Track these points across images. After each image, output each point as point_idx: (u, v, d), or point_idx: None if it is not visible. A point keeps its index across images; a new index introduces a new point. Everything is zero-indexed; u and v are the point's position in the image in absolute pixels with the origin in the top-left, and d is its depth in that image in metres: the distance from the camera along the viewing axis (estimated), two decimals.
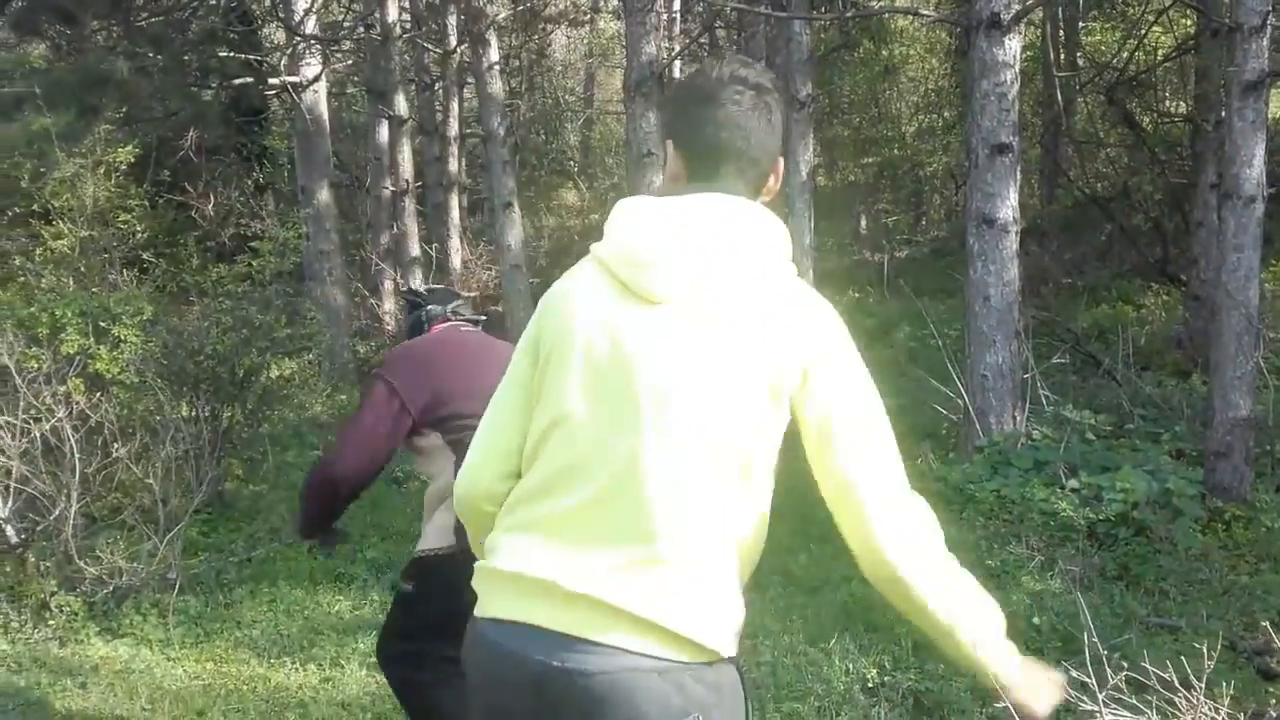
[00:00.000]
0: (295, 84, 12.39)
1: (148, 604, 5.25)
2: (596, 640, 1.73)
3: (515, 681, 1.80)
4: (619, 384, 1.80)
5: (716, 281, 1.82)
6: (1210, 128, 9.45)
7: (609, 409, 1.81)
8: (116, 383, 6.77)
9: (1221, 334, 5.93)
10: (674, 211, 1.87)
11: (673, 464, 1.77)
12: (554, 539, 1.81)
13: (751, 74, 1.94)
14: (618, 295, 1.85)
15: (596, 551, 1.77)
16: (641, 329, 1.81)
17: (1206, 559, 5.39)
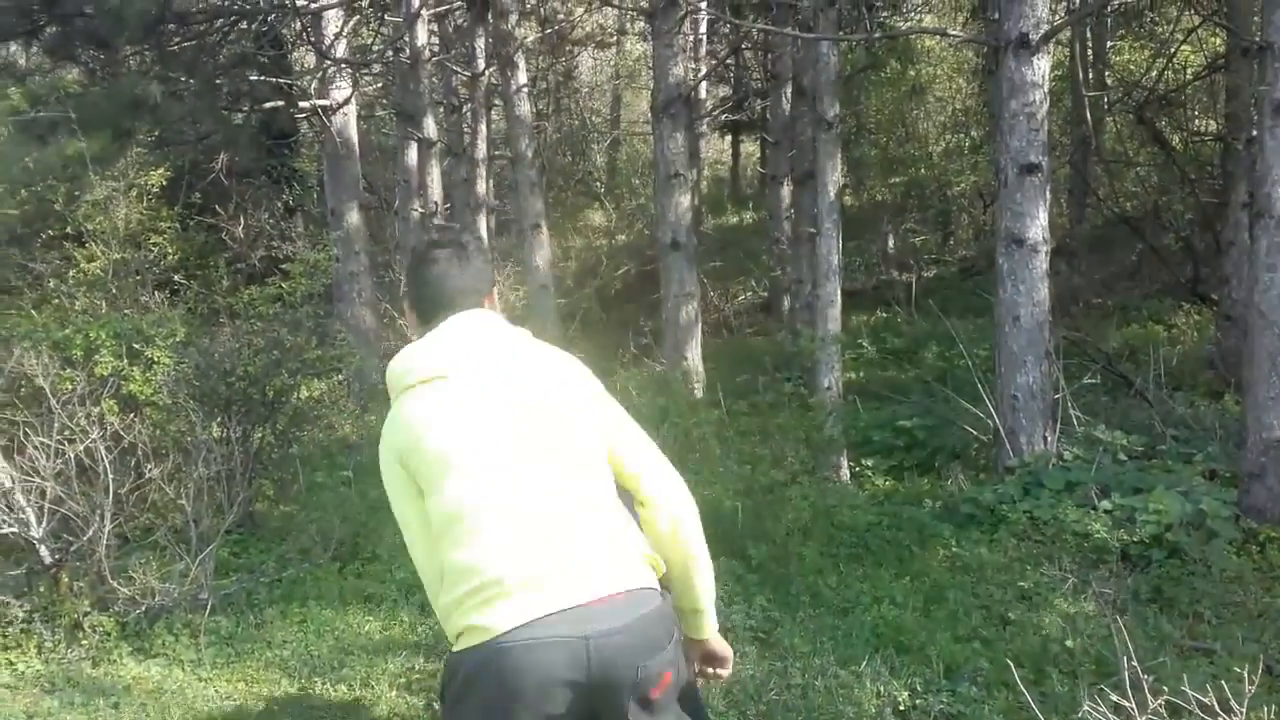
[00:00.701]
0: (325, 107, 12.51)
1: (180, 624, 5.27)
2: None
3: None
4: (463, 452, 2.40)
5: (484, 354, 2.50)
6: (1241, 146, 9.40)
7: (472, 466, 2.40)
8: (149, 404, 6.82)
9: (1254, 354, 5.87)
10: (430, 336, 2.60)
11: (538, 482, 2.38)
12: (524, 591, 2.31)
13: (445, 236, 2.78)
14: (422, 397, 2.49)
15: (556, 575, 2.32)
16: (445, 404, 2.45)
17: (1241, 581, 5.33)
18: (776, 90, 14.63)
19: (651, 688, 2.34)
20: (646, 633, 2.32)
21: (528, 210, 11.27)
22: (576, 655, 2.24)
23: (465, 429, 2.41)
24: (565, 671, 2.25)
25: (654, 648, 2.32)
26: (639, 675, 2.30)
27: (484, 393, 2.43)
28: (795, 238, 12.81)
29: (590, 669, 2.25)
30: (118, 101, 10.37)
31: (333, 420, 9.02)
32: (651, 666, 2.32)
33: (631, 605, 2.32)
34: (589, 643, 2.24)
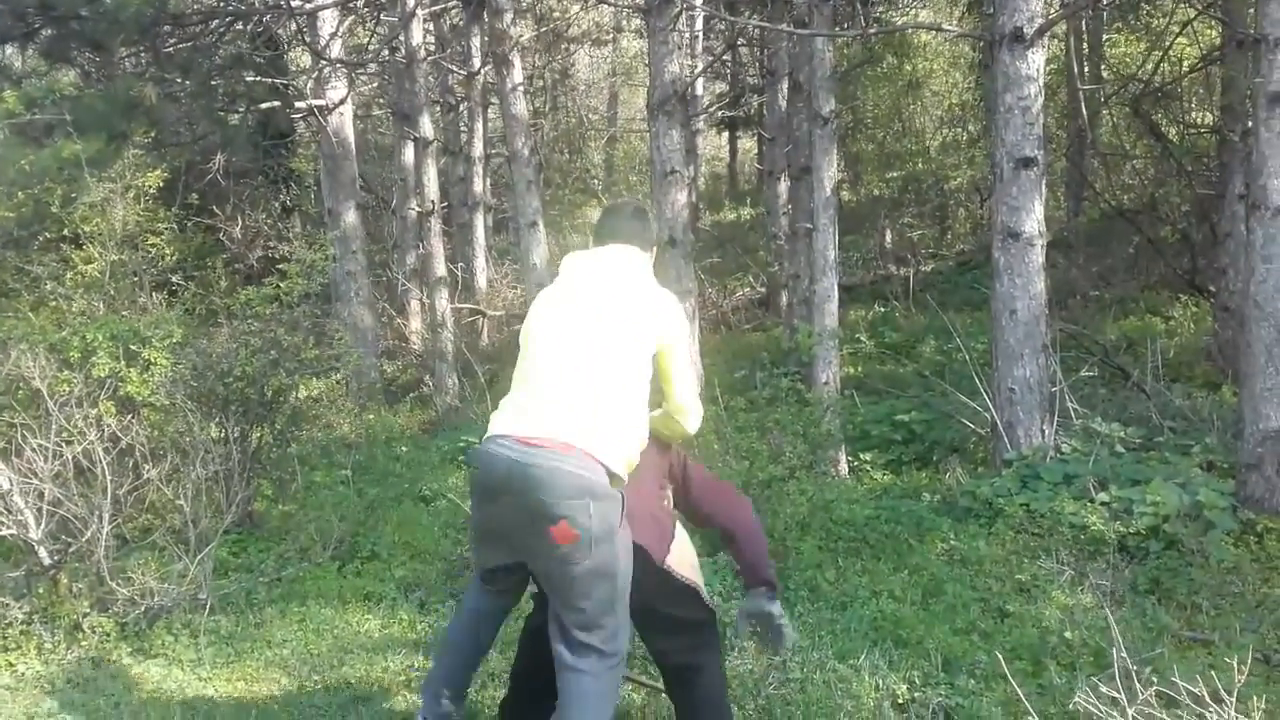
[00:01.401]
0: (321, 107, 12.51)
1: (179, 624, 5.28)
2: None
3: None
4: (545, 329, 3.51)
5: (604, 273, 3.59)
6: (1237, 138, 9.41)
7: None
8: (147, 405, 6.82)
9: (1251, 345, 5.88)
10: (588, 252, 3.73)
11: (578, 365, 3.36)
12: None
13: (632, 200, 4.43)
14: (557, 284, 3.66)
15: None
16: (560, 295, 3.58)
17: (1239, 572, 5.34)
18: (773, 86, 14.62)
19: (549, 524, 3.17)
20: (555, 479, 3.16)
21: (525, 208, 11.27)
22: (509, 469, 3.22)
23: (558, 314, 3.49)
24: (502, 478, 3.25)
25: (554, 490, 3.15)
26: (539, 505, 3.16)
27: (585, 295, 3.51)
28: (792, 233, 12.81)
29: (512, 483, 3.22)
30: (114, 103, 10.35)
31: (331, 419, 9.03)
32: (551, 504, 3.15)
33: (563, 456, 3.18)
34: (515, 463, 3.21)
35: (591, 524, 3.16)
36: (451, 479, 8.43)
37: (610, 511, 3.22)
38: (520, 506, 3.22)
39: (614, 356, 3.37)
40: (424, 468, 8.67)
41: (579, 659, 3.28)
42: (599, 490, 3.20)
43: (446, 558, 6.45)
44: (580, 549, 3.17)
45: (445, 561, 6.39)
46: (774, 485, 5.91)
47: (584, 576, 3.21)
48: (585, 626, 3.27)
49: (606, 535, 3.20)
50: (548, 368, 3.39)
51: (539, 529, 3.19)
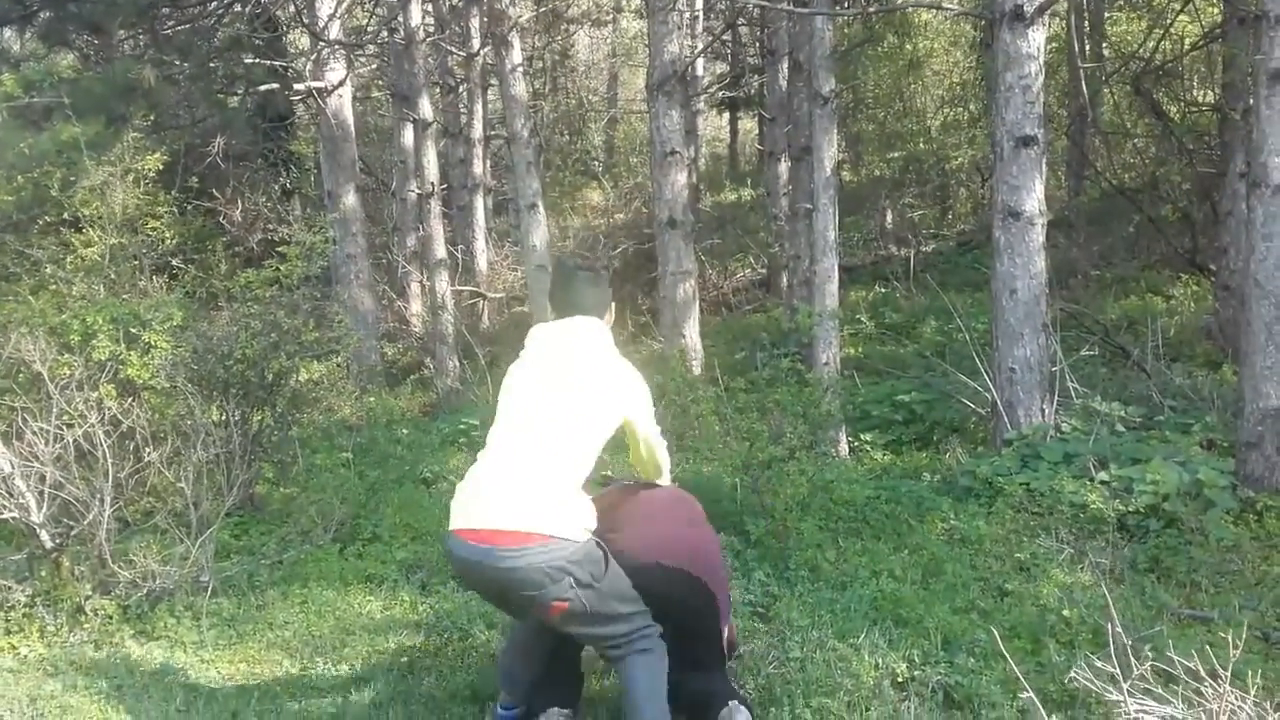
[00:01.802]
0: (320, 89, 12.49)
1: (181, 606, 5.30)
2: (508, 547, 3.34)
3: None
4: (509, 404, 3.68)
5: (569, 352, 3.69)
6: (1238, 116, 9.38)
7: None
8: (148, 388, 6.83)
9: (1251, 324, 5.88)
10: (551, 325, 3.83)
11: (529, 439, 3.53)
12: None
13: (587, 263, 4.53)
14: (523, 358, 3.78)
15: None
16: (526, 368, 3.73)
17: (1238, 550, 5.35)
18: (773, 66, 14.59)
19: (542, 611, 3.42)
20: (528, 577, 3.31)
21: (524, 189, 11.26)
22: (480, 571, 3.40)
23: (522, 391, 3.65)
24: (477, 577, 3.48)
25: (531, 586, 3.33)
26: (524, 600, 3.39)
27: (548, 371, 3.65)
28: (793, 214, 12.79)
29: (489, 582, 3.44)
30: (112, 86, 10.35)
31: (331, 402, 9.04)
32: (533, 597, 3.36)
33: (524, 551, 3.31)
34: (483, 565, 3.37)
35: (578, 590, 3.39)
36: (452, 461, 8.44)
37: (588, 565, 3.43)
38: (505, 596, 3.50)
39: (572, 432, 3.54)
40: (425, 450, 8.68)
41: (618, 651, 3.58)
42: (572, 561, 3.38)
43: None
44: (576, 609, 3.42)
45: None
46: (774, 466, 5.91)
47: (591, 618, 3.49)
48: (610, 638, 3.57)
49: (594, 585, 3.44)
50: (505, 446, 3.57)
51: (538, 610, 3.46)
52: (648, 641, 3.61)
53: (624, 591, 3.57)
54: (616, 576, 3.55)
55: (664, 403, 6.71)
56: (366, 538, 6.51)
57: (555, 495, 3.44)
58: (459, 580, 3.96)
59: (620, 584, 3.57)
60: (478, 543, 3.38)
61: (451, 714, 4.20)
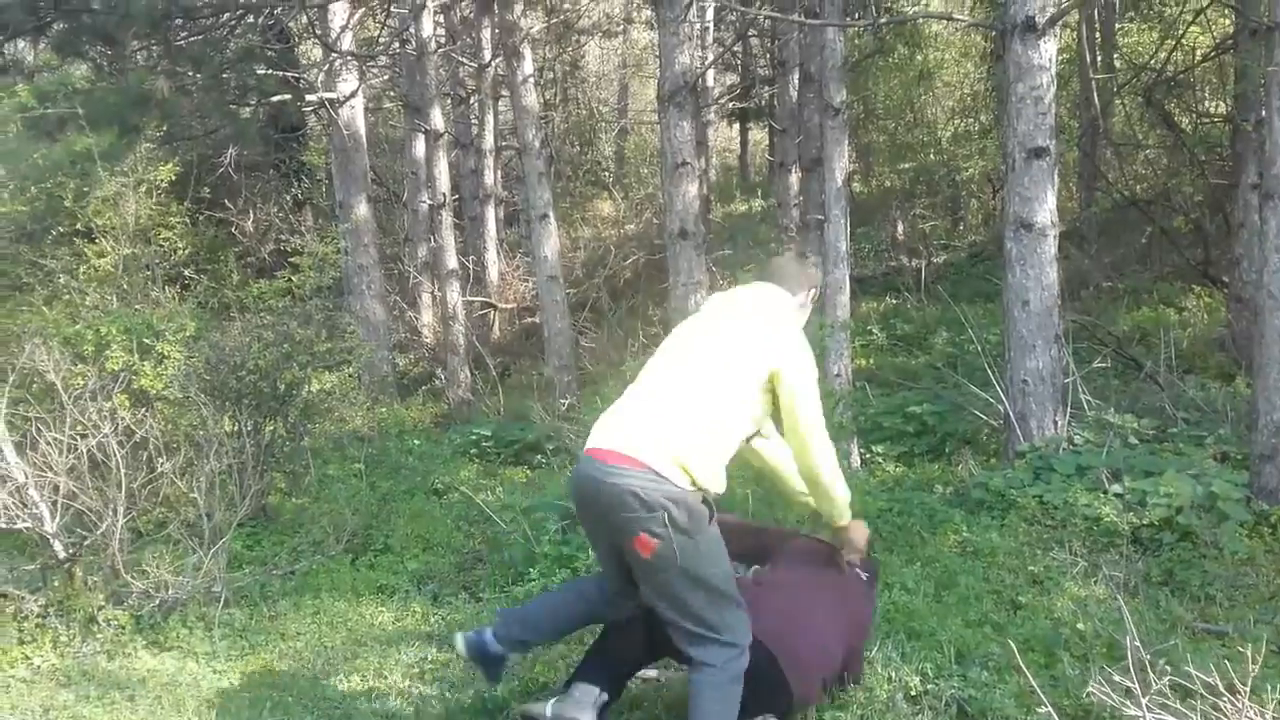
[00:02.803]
0: (332, 100, 12.52)
1: (194, 617, 5.31)
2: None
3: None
4: (665, 348, 3.80)
5: (737, 304, 3.85)
6: (1250, 127, 9.36)
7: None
8: (161, 398, 6.85)
9: (1265, 335, 5.85)
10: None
11: (674, 381, 3.63)
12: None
13: (796, 249, 4.74)
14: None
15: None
16: (691, 320, 3.91)
17: (1253, 563, 5.33)
18: (784, 77, 14.59)
19: (625, 540, 3.42)
20: (625, 498, 3.36)
21: (536, 200, 11.28)
22: (590, 488, 3.48)
23: (674, 339, 3.80)
24: (586, 496, 3.53)
25: (627, 508, 3.36)
26: (619, 522, 3.41)
27: (709, 319, 3.82)
28: (804, 225, 12.78)
29: (594, 502, 3.48)
30: (125, 97, 10.37)
31: (343, 413, 9.05)
32: (627, 520, 3.38)
33: (634, 473, 3.37)
34: (594, 481, 3.45)
35: (669, 531, 3.35)
36: (464, 472, 8.45)
37: (686, 515, 3.39)
38: (605, 521, 3.50)
39: (713, 377, 3.58)
40: (436, 460, 8.69)
41: (700, 651, 3.48)
42: (671, 499, 3.37)
43: (459, 550, 6.48)
44: (663, 555, 3.38)
45: (457, 554, 6.42)
46: None
47: (677, 578, 3.43)
48: (697, 622, 3.48)
49: (690, 538, 3.40)
50: (646, 383, 3.67)
51: (623, 543, 3.46)
52: (735, 665, 3.49)
53: (720, 563, 3.53)
54: (715, 541, 3.52)
55: None
56: (378, 548, 6.52)
57: (676, 436, 3.45)
58: (575, 508, 3.83)
59: (718, 550, 3.53)
60: (593, 457, 3.48)
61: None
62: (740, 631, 3.52)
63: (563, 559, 5.55)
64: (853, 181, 18.45)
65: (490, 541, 6.39)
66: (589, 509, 3.58)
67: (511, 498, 7.08)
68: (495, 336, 14.74)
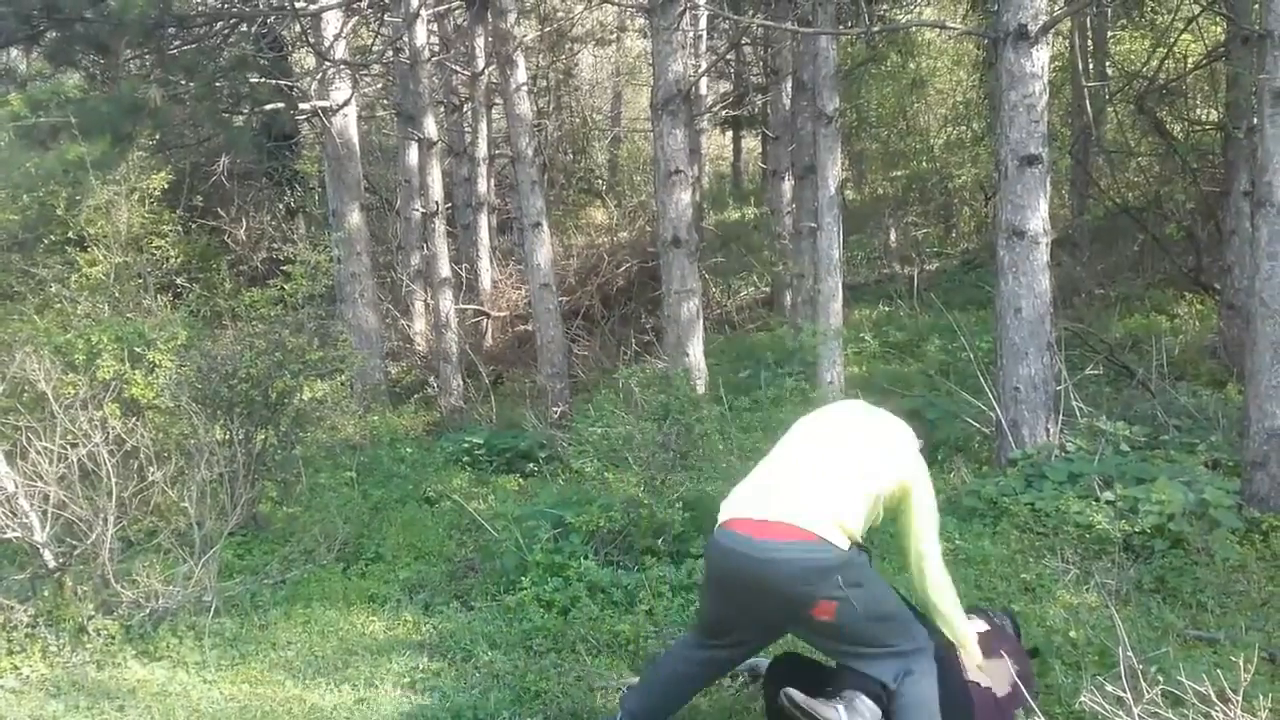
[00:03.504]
0: (325, 108, 12.52)
1: (184, 626, 5.29)
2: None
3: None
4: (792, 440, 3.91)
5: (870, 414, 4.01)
6: (1242, 135, 9.39)
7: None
8: (152, 407, 6.83)
9: (1256, 343, 5.87)
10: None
11: (810, 472, 3.64)
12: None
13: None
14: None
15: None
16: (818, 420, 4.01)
17: (1244, 570, 5.33)
18: (777, 85, 14.64)
19: (808, 609, 3.41)
20: (795, 570, 3.36)
21: (529, 208, 11.27)
22: (749, 568, 3.44)
23: (810, 425, 3.92)
24: (743, 577, 3.48)
25: (801, 582, 3.37)
26: (795, 597, 3.40)
27: (846, 419, 3.96)
28: (796, 232, 12.81)
29: (757, 582, 3.44)
30: (118, 106, 10.36)
31: (335, 421, 9.02)
32: (805, 593, 3.38)
33: (798, 545, 3.38)
34: (753, 560, 3.42)
35: (845, 590, 3.40)
36: (455, 480, 8.43)
37: (855, 571, 3.45)
38: (771, 599, 3.46)
39: (853, 461, 3.67)
40: (428, 469, 8.67)
41: (889, 668, 3.53)
42: (838, 561, 3.41)
43: (450, 559, 6.46)
44: (844, 612, 3.41)
45: (449, 563, 6.40)
46: None
47: (858, 627, 3.48)
48: (887, 650, 3.53)
49: (860, 589, 3.44)
50: (785, 461, 3.74)
51: (798, 614, 3.47)
52: (916, 659, 3.57)
53: (889, 593, 3.63)
54: (878, 578, 3.63)
55: (668, 421, 6.70)
56: (370, 557, 6.50)
57: (829, 501, 3.51)
58: (713, 584, 3.71)
59: (884, 584, 3.64)
60: (743, 532, 3.48)
61: None
62: (913, 635, 3.61)
63: (555, 567, 5.54)
64: (845, 189, 18.50)
65: (482, 550, 6.38)
66: (740, 585, 3.54)
67: (504, 506, 7.07)
68: (488, 344, 14.72)
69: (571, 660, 4.79)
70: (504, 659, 4.86)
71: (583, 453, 6.93)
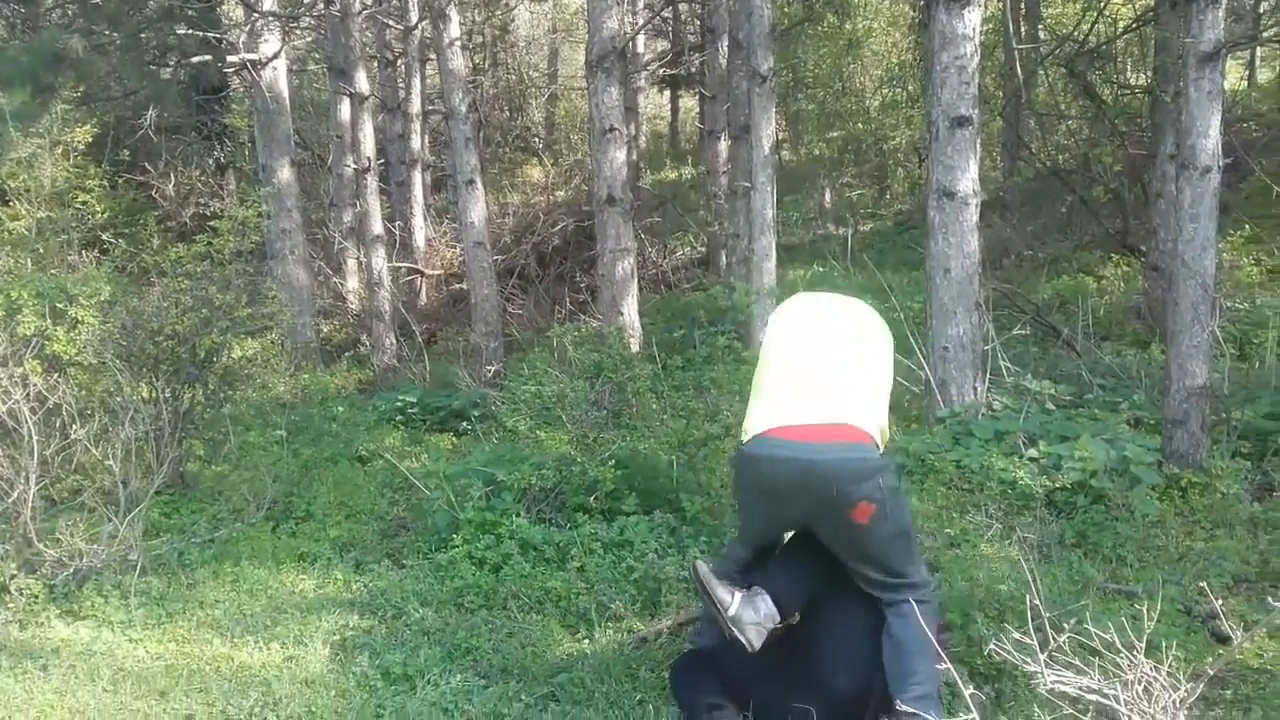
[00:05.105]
0: (254, 61, 12.29)
1: (109, 585, 5.23)
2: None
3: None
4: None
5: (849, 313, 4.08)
6: (1169, 99, 9.50)
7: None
8: (74, 364, 6.70)
9: (1178, 303, 5.98)
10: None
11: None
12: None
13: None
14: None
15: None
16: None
17: (1163, 525, 5.45)
18: (713, 44, 14.58)
19: (849, 509, 3.48)
20: (844, 469, 3.46)
21: (462, 165, 11.18)
22: (795, 469, 3.51)
23: (812, 337, 3.92)
24: (789, 478, 3.54)
25: (847, 480, 3.45)
26: (839, 496, 3.47)
27: (830, 315, 4.03)
28: (732, 192, 12.82)
29: (803, 481, 3.51)
30: (39, 56, 10.10)
31: (266, 379, 8.93)
32: (848, 492, 3.46)
33: (842, 445, 3.51)
34: (799, 462, 3.50)
35: (884, 495, 3.52)
36: (388, 439, 8.39)
37: (891, 476, 3.59)
38: (814, 499, 3.55)
39: (861, 350, 3.84)
40: (360, 428, 8.63)
41: (897, 596, 3.64)
42: (880, 464, 3.56)
43: (382, 518, 6.44)
44: (879, 517, 3.52)
45: (381, 521, 6.38)
46: (710, 443, 5.93)
47: (886, 538, 3.60)
48: (897, 574, 3.65)
49: (896, 498, 3.60)
50: (802, 360, 3.81)
51: (840, 515, 3.54)
52: (923, 592, 3.69)
53: (909, 516, 3.79)
54: (903, 495, 3.78)
55: (600, 379, 6.70)
56: (300, 516, 6.46)
57: (865, 403, 3.66)
58: (760, 494, 3.74)
59: (908, 508, 3.80)
60: (793, 439, 3.55)
61: (384, 693, 4.18)
62: (924, 570, 3.78)
63: (487, 525, 5.54)
64: (781, 149, 18.55)
65: (414, 508, 6.37)
66: (786, 489, 3.60)
67: (436, 464, 7.04)
68: (422, 303, 14.63)
69: (503, 617, 4.80)
70: (435, 616, 4.87)
71: (516, 411, 6.92)
